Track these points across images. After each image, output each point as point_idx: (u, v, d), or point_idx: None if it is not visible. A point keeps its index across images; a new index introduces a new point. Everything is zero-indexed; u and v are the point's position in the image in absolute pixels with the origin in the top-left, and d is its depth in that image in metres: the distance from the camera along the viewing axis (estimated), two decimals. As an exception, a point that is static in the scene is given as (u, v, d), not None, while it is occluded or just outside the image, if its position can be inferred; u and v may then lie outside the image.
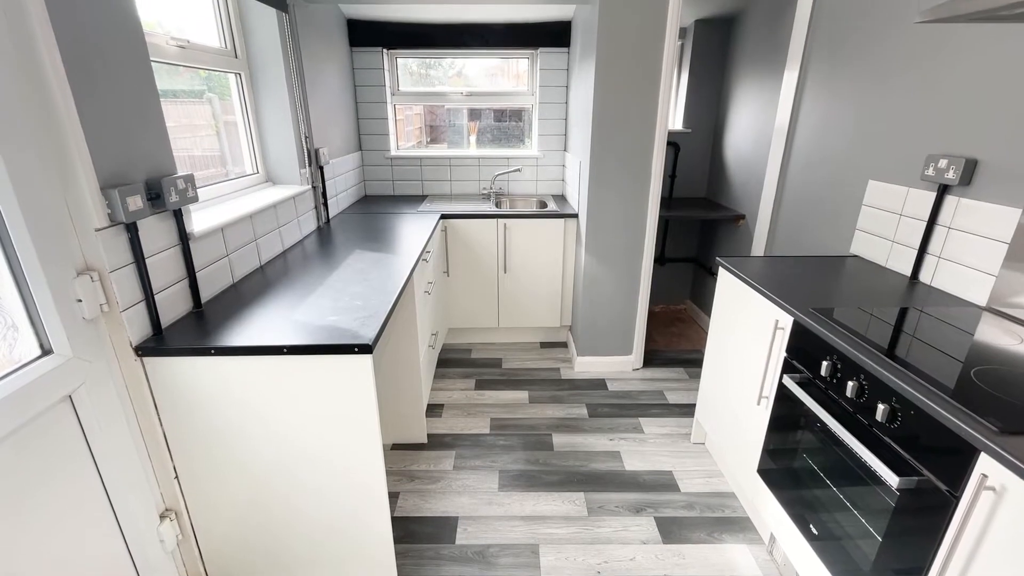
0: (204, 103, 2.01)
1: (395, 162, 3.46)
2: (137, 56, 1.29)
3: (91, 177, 1.12)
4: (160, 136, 1.36)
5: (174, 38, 1.67)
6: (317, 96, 2.56)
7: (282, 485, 1.44)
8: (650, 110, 2.45)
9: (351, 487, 1.44)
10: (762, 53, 2.82)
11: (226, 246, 1.69)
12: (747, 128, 2.98)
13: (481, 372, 2.89)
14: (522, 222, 2.90)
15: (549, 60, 3.25)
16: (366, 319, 1.43)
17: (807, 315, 1.43)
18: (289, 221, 2.20)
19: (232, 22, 2.06)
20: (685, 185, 3.55)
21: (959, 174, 1.53)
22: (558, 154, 3.46)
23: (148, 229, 1.31)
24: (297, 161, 2.33)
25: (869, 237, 1.94)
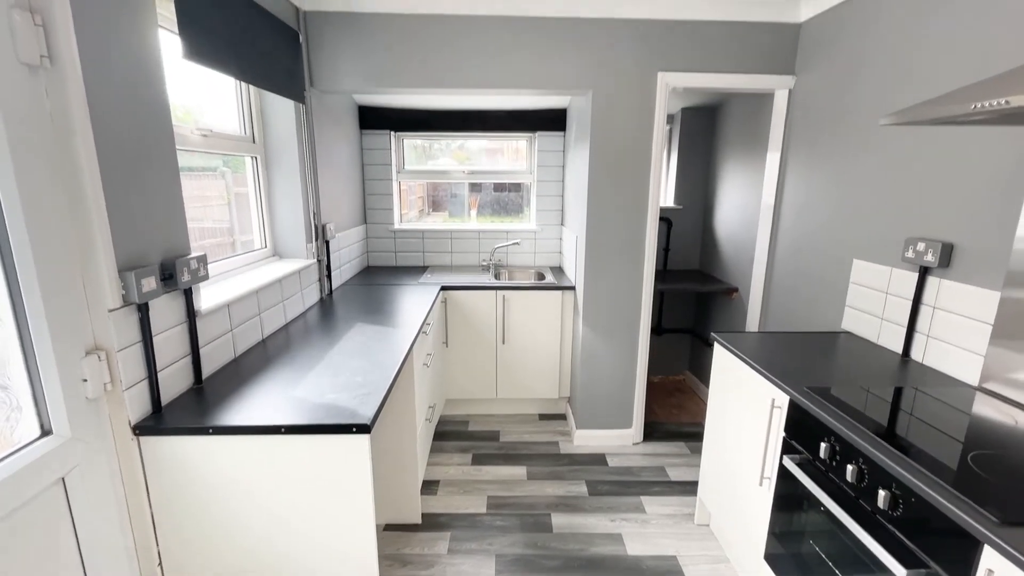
0: (218, 177, 2.12)
1: (398, 235, 3.58)
2: (165, 149, 1.39)
3: (110, 259, 1.18)
4: (178, 219, 1.44)
5: (199, 128, 1.80)
6: (327, 174, 2.70)
7: (271, 567, 1.38)
8: (642, 188, 2.58)
9: (343, 573, 1.38)
10: (745, 137, 3.02)
11: (231, 321, 1.72)
12: (735, 205, 3.13)
13: (479, 446, 2.83)
14: (520, 294, 2.97)
15: (546, 142, 3.47)
16: (365, 396, 1.43)
17: (803, 394, 1.44)
18: (293, 294, 2.25)
19: (253, 112, 2.23)
20: (679, 258, 3.65)
21: (937, 257, 1.61)
22: (555, 228, 3.59)
23: (158, 308, 1.35)
24: (304, 236, 2.43)
25: (859, 314, 1.99)
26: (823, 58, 2.22)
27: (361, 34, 2.37)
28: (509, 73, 2.43)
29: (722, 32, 2.39)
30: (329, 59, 2.40)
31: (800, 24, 2.38)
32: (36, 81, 1.04)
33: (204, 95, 1.94)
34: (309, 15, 2.35)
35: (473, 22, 2.37)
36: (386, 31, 2.37)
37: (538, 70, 2.43)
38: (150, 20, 1.33)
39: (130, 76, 1.26)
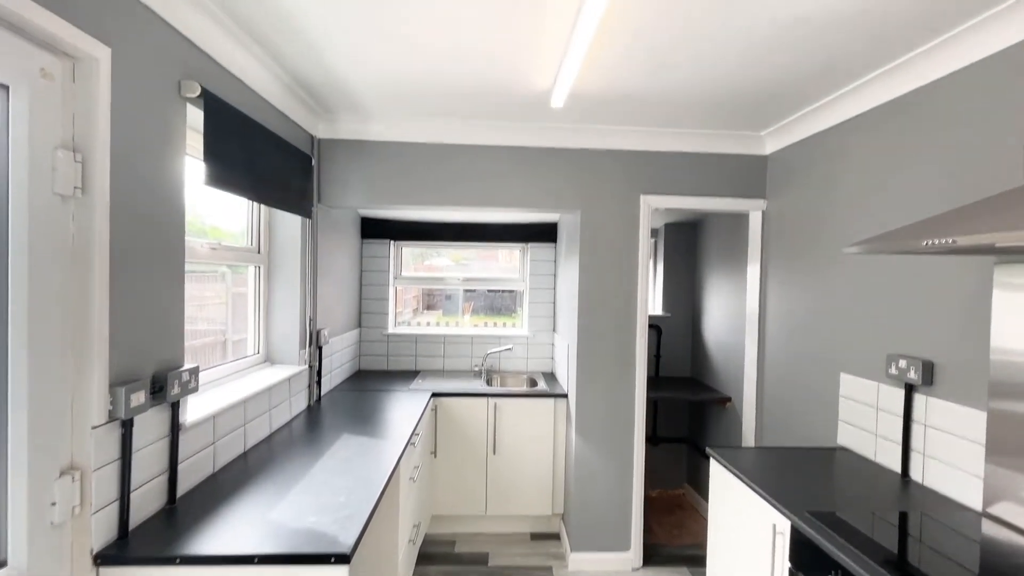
0: (218, 279, 2.18)
1: (391, 339, 3.61)
2: (174, 266, 1.46)
3: (103, 374, 1.18)
4: (176, 333, 1.47)
5: (208, 242, 1.90)
6: (326, 281, 2.79)
7: None
8: (630, 298, 2.68)
9: None
10: (726, 250, 3.20)
11: (214, 433, 1.68)
12: (722, 313, 3.22)
13: (465, 571, 2.61)
14: (512, 401, 2.92)
15: (538, 253, 3.64)
16: (347, 520, 1.36)
17: (804, 520, 1.39)
18: (281, 402, 2.21)
19: (261, 225, 2.36)
20: (670, 364, 3.67)
21: (920, 375, 1.64)
22: (547, 334, 3.64)
23: (143, 423, 1.32)
24: (299, 342, 2.44)
25: (853, 429, 1.98)
26: (790, 186, 2.44)
27: (368, 158, 2.60)
28: (502, 194, 2.63)
29: (697, 162, 2.65)
30: (338, 179, 2.60)
31: (766, 156, 2.65)
32: (65, 208, 1.12)
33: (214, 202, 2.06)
34: (323, 142, 2.59)
35: (469, 150, 2.62)
36: (390, 156, 2.60)
37: (529, 192, 2.64)
38: (179, 150, 1.47)
39: (152, 200, 1.36)
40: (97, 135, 1.15)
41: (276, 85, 2.02)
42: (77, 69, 1.14)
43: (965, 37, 1.52)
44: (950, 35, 1.55)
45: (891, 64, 1.76)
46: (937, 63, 1.63)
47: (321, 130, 2.57)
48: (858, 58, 1.73)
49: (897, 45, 1.63)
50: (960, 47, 1.55)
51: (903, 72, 1.75)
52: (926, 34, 1.56)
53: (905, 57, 1.70)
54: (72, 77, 1.13)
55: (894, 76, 1.78)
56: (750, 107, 2.22)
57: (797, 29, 1.55)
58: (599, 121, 2.49)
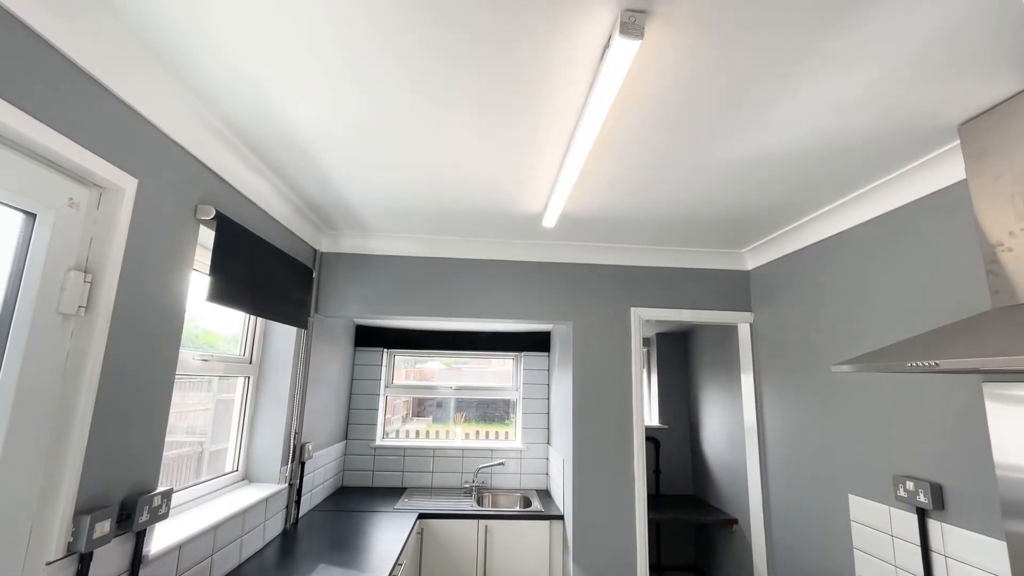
0: (203, 387, 2.12)
1: (378, 451, 3.44)
2: (164, 386, 1.44)
3: (70, 502, 1.11)
4: (154, 456, 1.41)
5: (200, 354, 1.89)
6: (316, 392, 2.73)
7: None
8: (625, 408, 2.62)
9: None
10: (718, 360, 3.21)
11: (178, 567, 1.53)
12: (720, 425, 3.14)
13: None
14: (505, 523, 2.72)
15: (531, 362, 3.63)
16: (316, 677, 1.20)
17: (830, 675, 1.24)
18: (255, 527, 2.05)
19: (256, 336, 2.37)
20: (671, 481, 3.49)
21: (930, 498, 1.58)
22: (542, 447, 3.50)
23: (103, 555, 1.21)
24: (280, 459, 2.33)
25: (871, 559, 1.84)
26: (773, 299, 2.53)
27: (367, 270, 2.70)
28: (495, 306, 2.70)
29: (684, 276, 2.76)
30: (336, 290, 2.67)
31: (749, 272, 2.78)
32: (66, 327, 1.14)
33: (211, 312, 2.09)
34: (324, 255, 2.71)
35: (465, 264, 2.74)
36: (389, 268, 2.70)
37: (522, 304, 2.71)
38: (187, 266, 1.53)
39: (153, 315, 1.38)
40: (110, 257, 1.21)
41: (286, 206, 2.16)
42: (103, 197, 1.23)
43: (918, 172, 1.69)
44: (906, 169, 1.72)
45: (853, 194, 1.93)
46: (897, 192, 1.79)
47: (324, 244, 2.69)
48: (821, 190, 1.91)
49: (854, 179, 1.81)
50: (915, 180, 1.71)
51: (865, 200, 1.91)
52: (881, 169, 1.74)
53: (864, 188, 1.88)
54: (97, 205, 1.22)
55: (857, 204, 1.95)
56: (728, 228, 2.38)
57: (761, 167, 1.73)
58: (589, 239, 2.64)
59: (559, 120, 1.47)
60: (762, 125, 1.47)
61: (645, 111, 1.41)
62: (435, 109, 1.43)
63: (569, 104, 1.39)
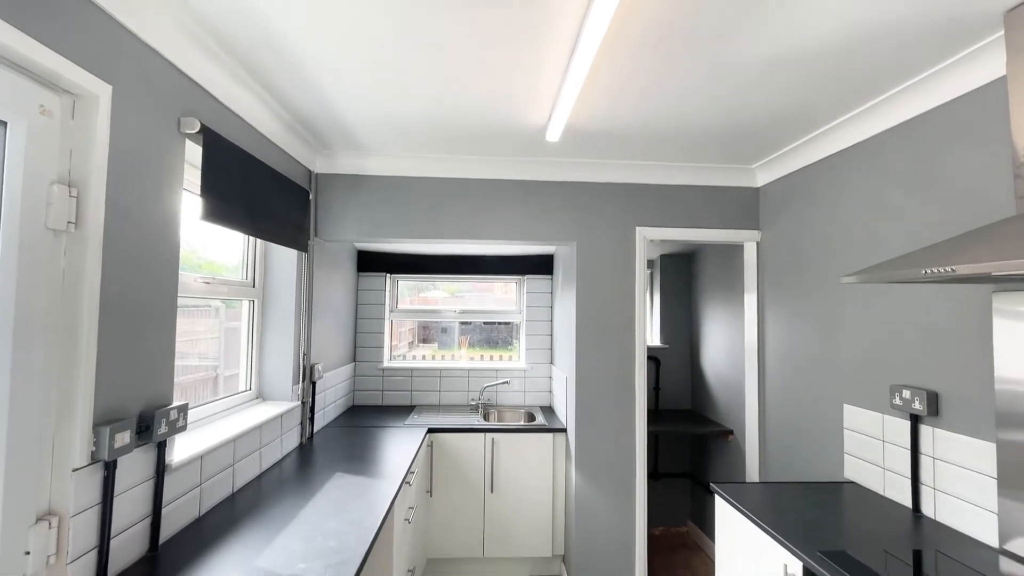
0: (211, 314, 2.14)
1: (386, 373, 3.55)
2: (167, 304, 1.43)
3: (87, 414, 1.14)
4: (166, 371, 1.43)
5: (202, 276, 1.88)
6: (321, 316, 2.76)
7: None
8: (628, 328, 2.66)
9: None
10: (722, 281, 3.20)
11: (201, 475, 1.61)
12: (720, 344, 3.20)
13: (462, 619, 2.48)
14: (510, 436, 2.86)
15: (535, 285, 3.64)
16: (339, 567, 1.29)
17: (817, 560, 1.33)
18: (272, 440, 2.14)
19: (257, 259, 2.35)
20: (670, 397, 3.62)
21: (925, 405, 1.62)
22: (545, 366, 3.59)
23: (127, 464, 1.27)
24: (291, 378, 2.39)
25: (860, 462, 1.93)
26: (783, 217, 2.47)
27: (364, 192, 2.62)
28: (497, 227, 2.65)
29: (690, 194, 2.68)
30: (334, 213, 2.61)
31: (759, 188, 2.69)
32: (57, 243, 1.10)
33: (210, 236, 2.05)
34: (320, 176, 2.61)
35: (465, 184, 2.65)
36: (387, 190, 2.62)
37: (525, 225, 2.65)
38: (176, 185, 1.47)
39: (147, 235, 1.35)
40: (93, 171, 1.15)
41: (275, 122, 2.05)
42: (77, 106, 1.15)
43: (952, 71, 1.57)
44: (939, 68, 1.60)
45: (879, 98, 1.81)
46: (927, 95, 1.67)
47: (319, 165, 2.59)
48: (846, 93, 1.78)
49: (881, 81, 1.68)
50: (947, 80, 1.59)
51: (887, 107, 1.79)
52: (913, 69, 1.61)
53: (892, 91, 1.75)
54: (72, 114, 1.14)
55: (881, 110, 1.83)
56: (739, 142, 2.27)
57: (782, 68, 1.60)
58: (593, 155, 2.53)
59: (566, 9, 1.34)
60: (786, 16, 1.34)
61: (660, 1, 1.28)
62: (433, 8, 1.30)
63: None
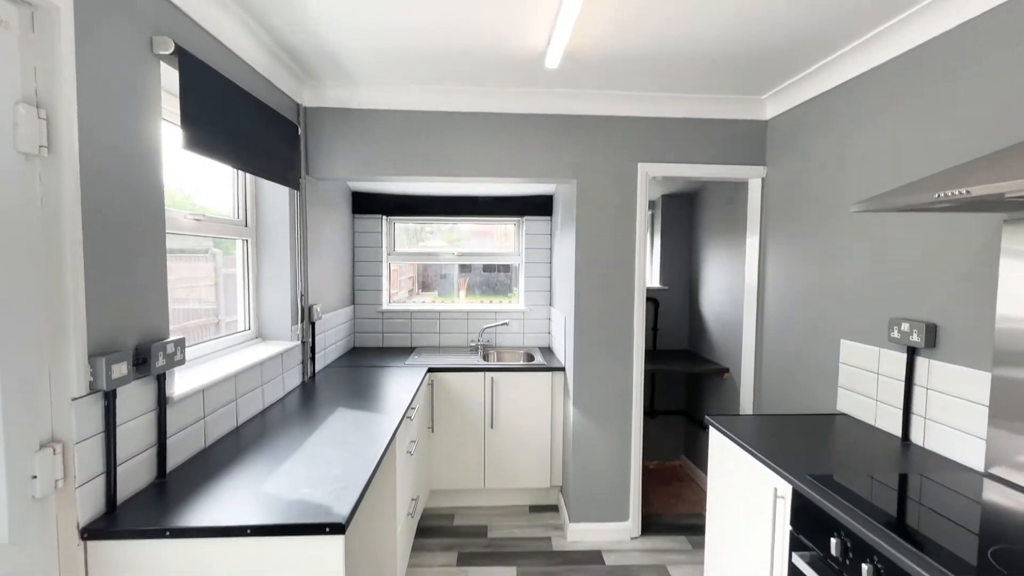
0: (208, 259, 2.12)
1: (386, 315, 3.56)
2: (154, 234, 1.40)
3: (81, 345, 1.13)
4: (159, 303, 1.41)
5: (192, 213, 1.83)
6: (317, 257, 2.73)
7: None
8: (627, 269, 2.63)
9: None
10: (724, 221, 3.15)
11: (204, 408, 1.64)
12: (720, 286, 3.19)
13: (465, 543, 2.62)
14: (509, 375, 2.90)
15: (534, 226, 3.58)
16: (342, 491, 1.33)
17: (806, 483, 1.37)
18: (273, 378, 2.17)
19: (248, 197, 2.29)
20: (667, 338, 3.65)
21: (923, 337, 1.62)
22: (544, 308, 3.60)
23: (127, 395, 1.28)
24: (290, 318, 2.39)
25: (853, 395, 1.96)
26: (791, 151, 2.38)
27: (355, 127, 2.51)
28: (495, 163, 2.56)
29: (696, 128, 2.57)
30: (325, 150, 2.51)
31: (767, 121, 2.58)
32: (30, 168, 1.05)
33: (200, 178, 1.99)
34: (309, 110, 2.50)
35: (461, 118, 2.54)
36: (379, 125, 2.51)
37: (523, 160, 2.57)
38: (154, 113, 1.40)
39: (127, 165, 1.29)
40: (62, 91, 1.08)
41: (257, 48, 1.92)
42: (37, 17, 1.06)
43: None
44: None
45: (897, 18, 1.69)
46: (945, 14, 1.56)
47: (307, 98, 2.47)
48: (863, 14, 1.66)
49: None
50: None
51: (910, 25, 1.68)
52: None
53: (912, 9, 1.63)
54: (31, 26, 1.06)
55: (900, 30, 1.71)
56: (750, 67, 2.14)
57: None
58: (595, 86, 2.41)
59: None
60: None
61: None
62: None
63: None
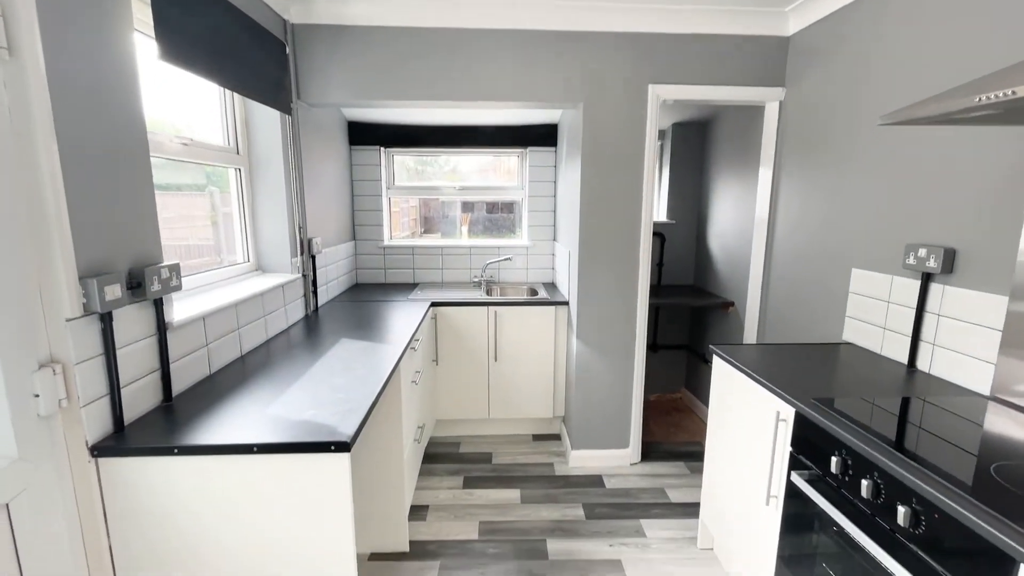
0: (205, 196, 2.06)
1: (388, 251, 3.52)
2: (137, 152, 1.32)
3: (70, 266, 1.10)
4: (149, 227, 1.36)
5: (178, 136, 1.74)
6: (314, 189, 2.64)
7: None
8: (634, 202, 2.55)
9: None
10: (736, 152, 3.01)
11: (206, 336, 1.63)
12: (729, 219, 3.11)
13: (470, 468, 2.72)
14: (512, 309, 2.89)
15: (538, 158, 3.45)
16: (346, 413, 1.34)
17: (810, 406, 1.37)
18: (275, 309, 2.16)
19: (238, 123, 2.18)
20: (673, 273, 3.61)
21: (940, 263, 1.56)
22: (548, 243, 3.54)
23: (124, 319, 1.26)
24: (289, 250, 2.35)
25: (860, 324, 1.94)
26: (813, 69, 2.22)
27: (349, 47, 2.35)
28: (498, 85, 2.41)
29: (712, 45, 2.39)
30: (318, 72, 2.37)
31: (789, 37, 2.39)
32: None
33: (186, 104, 1.89)
34: (297, 27, 2.33)
35: (460, 35, 2.36)
36: (374, 44, 2.35)
37: (527, 82, 2.42)
38: (125, 21, 1.29)
39: (100, 75, 1.20)
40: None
41: (235, -50, 1.76)
42: None
43: None
44: None
45: (949, -97, 1.50)
46: None
47: (294, 13, 2.29)
48: None
49: None
50: None
51: (962, -87, 1.50)
52: None
53: None
54: (-28, -94, 0.94)
55: (951, -80, 1.53)
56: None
57: None
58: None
59: None
60: None
61: None
62: None
63: None
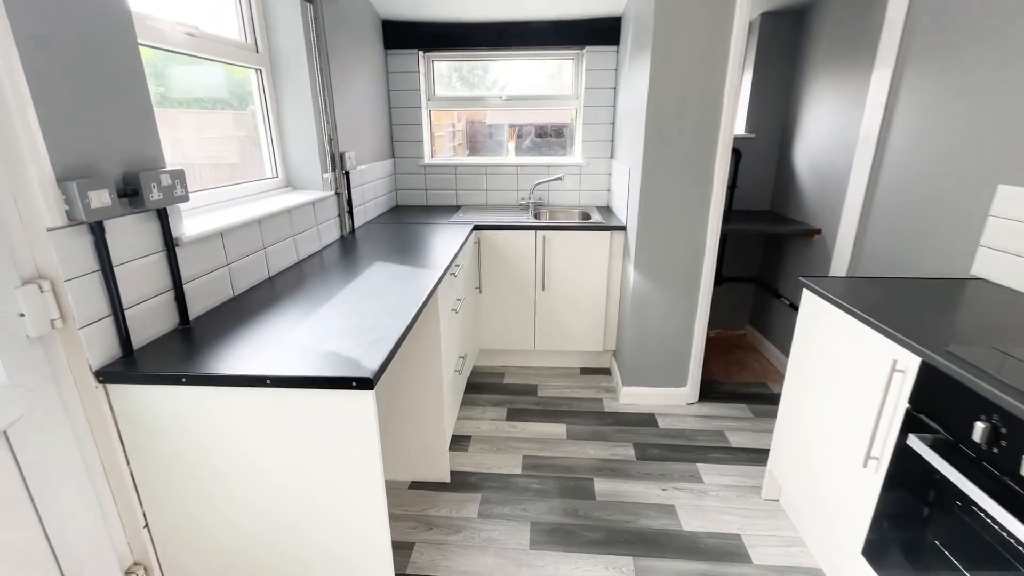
0: (230, 115, 1.86)
1: (429, 170, 3.27)
2: (121, 38, 1.11)
3: (44, 166, 0.93)
4: (144, 125, 1.18)
5: (181, 23, 1.51)
6: (345, 98, 2.39)
7: (270, 536, 1.19)
8: (712, 110, 2.13)
9: (350, 541, 1.18)
10: (842, 49, 2.46)
11: (226, 254, 1.49)
12: (823, 134, 2.61)
13: (514, 400, 2.61)
14: (563, 234, 2.63)
15: (596, 60, 3.00)
16: (373, 344, 1.18)
17: (945, 356, 1.08)
18: (307, 229, 2.00)
19: (254, 14, 1.92)
20: (747, 196, 3.18)
21: None
22: (604, 162, 3.17)
23: (121, 231, 1.11)
24: (320, 165, 2.15)
25: (1000, 255, 1.55)
26: (976, -85, 1.66)
27: (377, -84, 1.98)
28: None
29: None
30: (341, -50, 2.03)
31: None
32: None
33: None
34: None
35: None
36: (406, -89, 1.96)
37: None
38: None
39: (58, -76, 0.96)
40: None
41: None
42: None
43: None
44: None
45: None
46: None
47: None
48: None
49: None
50: None
51: None
52: None
53: None
54: None
55: None
56: None
57: None
58: None
59: None
60: None
61: None
62: None
63: None
